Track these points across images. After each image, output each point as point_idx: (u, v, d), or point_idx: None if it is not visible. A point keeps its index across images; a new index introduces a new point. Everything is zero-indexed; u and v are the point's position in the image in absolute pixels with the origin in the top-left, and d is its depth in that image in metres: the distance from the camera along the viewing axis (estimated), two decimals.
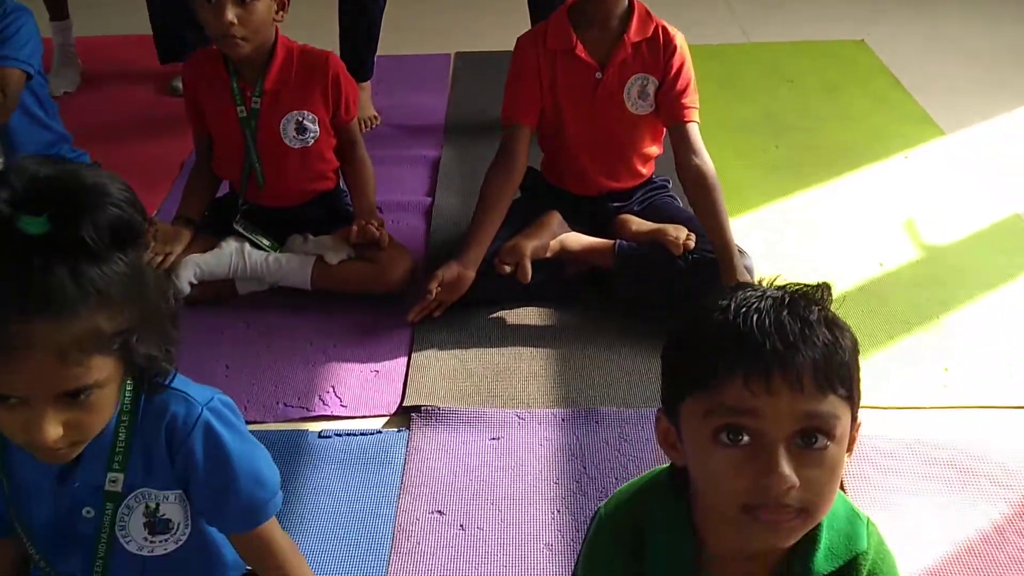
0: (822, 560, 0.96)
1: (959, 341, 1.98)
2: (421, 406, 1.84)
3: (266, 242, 2.21)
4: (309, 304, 2.15)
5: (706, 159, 2.07)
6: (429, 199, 2.58)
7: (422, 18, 3.81)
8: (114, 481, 1.11)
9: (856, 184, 2.59)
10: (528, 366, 1.96)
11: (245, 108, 2.13)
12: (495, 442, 1.77)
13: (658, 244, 2.07)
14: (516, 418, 1.83)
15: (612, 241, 2.13)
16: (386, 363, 1.98)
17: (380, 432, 1.81)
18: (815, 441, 0.87)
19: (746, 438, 0.87)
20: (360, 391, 1.91)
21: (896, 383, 1.87)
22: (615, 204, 2.23)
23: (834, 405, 0.87)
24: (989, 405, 1.81)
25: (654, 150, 2.24)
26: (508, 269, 2.07)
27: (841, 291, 2.03)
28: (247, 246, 2.18)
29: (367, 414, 1.86)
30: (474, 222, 2.10)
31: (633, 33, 2.07)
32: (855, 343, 0.91)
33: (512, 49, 2.15)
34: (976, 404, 1.81)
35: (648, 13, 2.10)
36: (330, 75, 2.15)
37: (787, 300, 0.90)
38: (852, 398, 0.90)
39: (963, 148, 2.76)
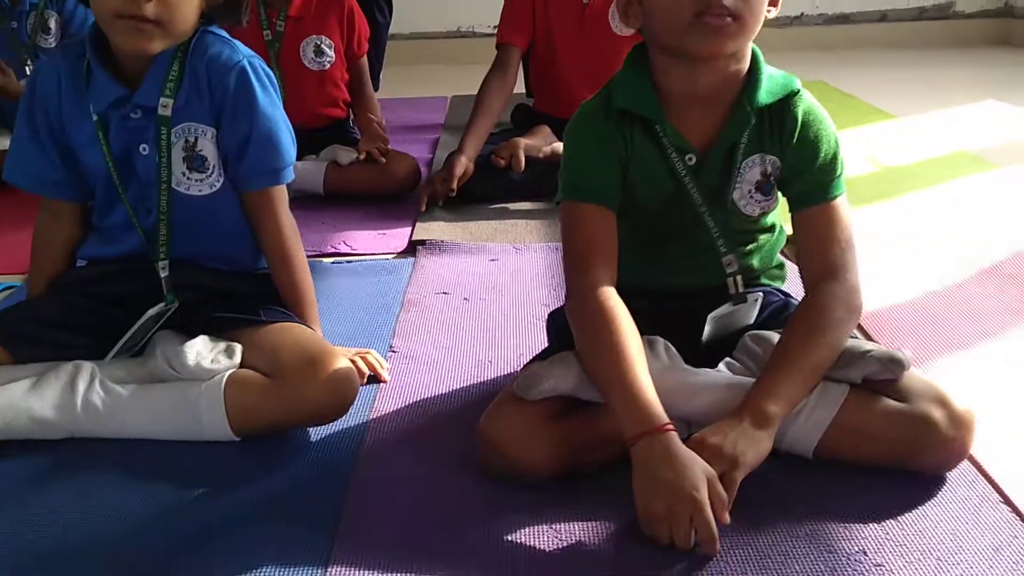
0: (763, 94, 1.15)
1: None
2: (426, 240, 2.01)
3: None
4: (322, 204, 2.33)
5: None
6: (430, 155, 2.83)
7: (424, 72, 4.23)
8: (165, 106, 1.28)
9: None
10: (524, 227, 2.14)
11: (270, 31, 2.40)
12: (494, 262, 1.93)
13: None
14: (512, 249, 1.99)
15: None
16: (392, 230, 2.15)
17: (388, 260, 1.97)
18: None
19: None
20: (369, 242, 2.08)
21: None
22: None
23: None
24: None
25: None
26: (503, 162, 2.28)
27: None
28: None
29: (376, 251, 2.02)
30: (471, 121, 2.34)
31: None
32: None
33: None
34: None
35: None
36: (346, 8, 2.45)
37: None
38: None
39: (915, 122, 3.07)
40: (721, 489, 0.97)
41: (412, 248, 2.02)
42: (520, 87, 2.62)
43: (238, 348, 1.26)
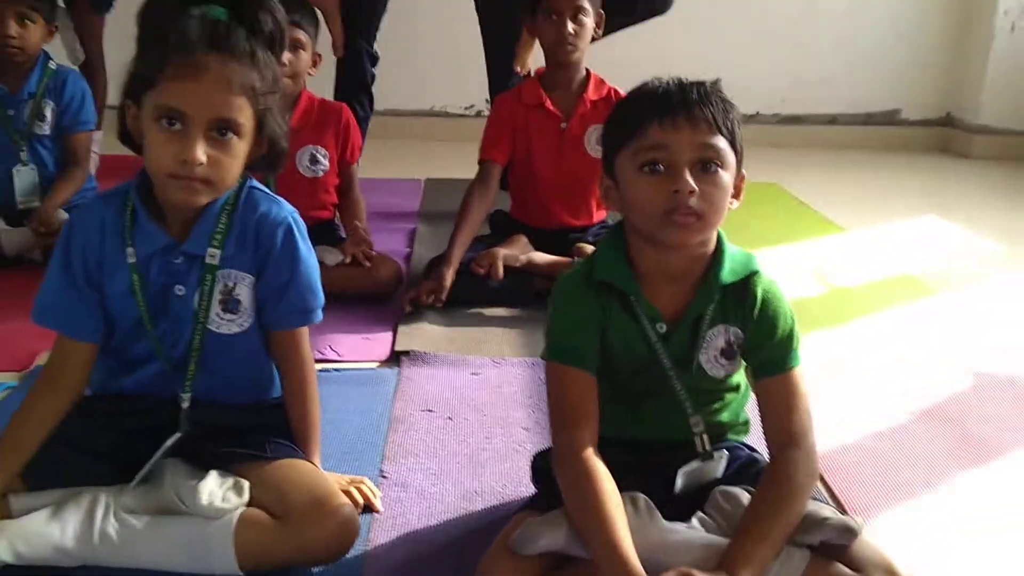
0: (727, 274, 1.31)
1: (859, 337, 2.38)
2: (410, 351, 2.13)
3: None
4: None
5: None
6: (408, 250, 2.95)
7: (397, 147, 4.38)
8: (213, 255, 1.39)
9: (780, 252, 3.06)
10: (502, 336, 2.27)
11: None
12: (476, 376, 2.05)
13: None
14: (492, 362, 2.11)
15: (572, 259, 2.50)
16: (376, 335, 2.26)
17: (374, 369, 2.08)
18: (710, 167, 1.24)
19: (661, 168, 1.24)
20: (354, 347, 2.18)
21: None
22: (573, 236, 2.63)
23: (723, 143, 1.25)
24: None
25: None
26: (482, 270, 2.42)
27: None
28: None
29: (361, 358, 2.13)
30: (456, 231, 2.47)
31: (591, 92, 2.57)
32: (739, 117, 1.30)
33: None
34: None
35: (602, 80, 2.61)
36: (342, 121, 2.59)
37: (691, 80, 1.29)
38: (735, 147, 1.28)
39: (862, 237, 3.27)
40: None
41: (396, 356, 2.13)
42: None
43: (246, 485, 1.36)
